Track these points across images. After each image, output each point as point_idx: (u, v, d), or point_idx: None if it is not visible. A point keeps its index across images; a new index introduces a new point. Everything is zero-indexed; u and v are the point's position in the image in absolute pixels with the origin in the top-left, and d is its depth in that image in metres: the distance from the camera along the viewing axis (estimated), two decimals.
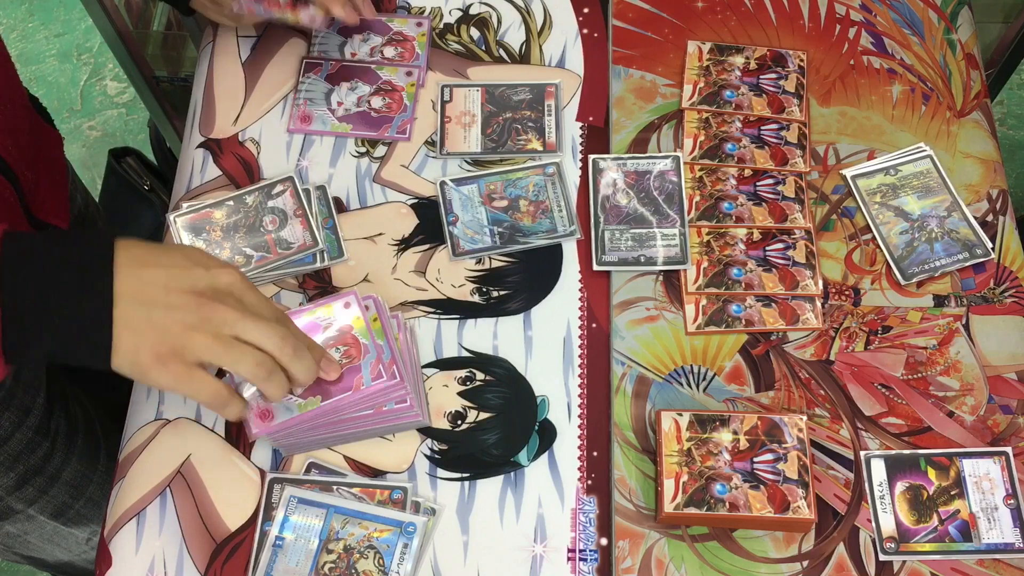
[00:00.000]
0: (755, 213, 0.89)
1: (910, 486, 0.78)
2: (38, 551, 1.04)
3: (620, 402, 0.82)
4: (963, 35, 1.00)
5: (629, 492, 0.78)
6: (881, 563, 0.75)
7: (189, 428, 0.81)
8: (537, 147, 0.93)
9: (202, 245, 0.86)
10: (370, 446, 0.80)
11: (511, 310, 0.86)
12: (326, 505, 0.76)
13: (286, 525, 0.75)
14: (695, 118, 0.94)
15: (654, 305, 0.86)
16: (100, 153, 2.02)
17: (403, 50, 0.99)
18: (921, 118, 0.95)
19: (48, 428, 0.91)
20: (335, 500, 0.76)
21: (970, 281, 0.87)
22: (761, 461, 0.76)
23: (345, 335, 0.75)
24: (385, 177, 0.93)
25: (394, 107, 0.95)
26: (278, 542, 0.75)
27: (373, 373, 0.74)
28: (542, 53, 0.99)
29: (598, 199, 0.90)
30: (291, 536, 0.75)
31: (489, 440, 0.80)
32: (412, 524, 0.75)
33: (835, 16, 1.01)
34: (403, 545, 0.74)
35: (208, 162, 0.93)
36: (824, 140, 0.94)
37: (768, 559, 0.76)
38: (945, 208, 0.90)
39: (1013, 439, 0.80)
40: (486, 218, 0.89)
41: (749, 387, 0.82)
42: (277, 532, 0.75)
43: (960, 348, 0.84)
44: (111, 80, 2.12)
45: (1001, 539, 0.76)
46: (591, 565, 0.76)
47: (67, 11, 2.19)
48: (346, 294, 0.77)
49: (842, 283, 0.87)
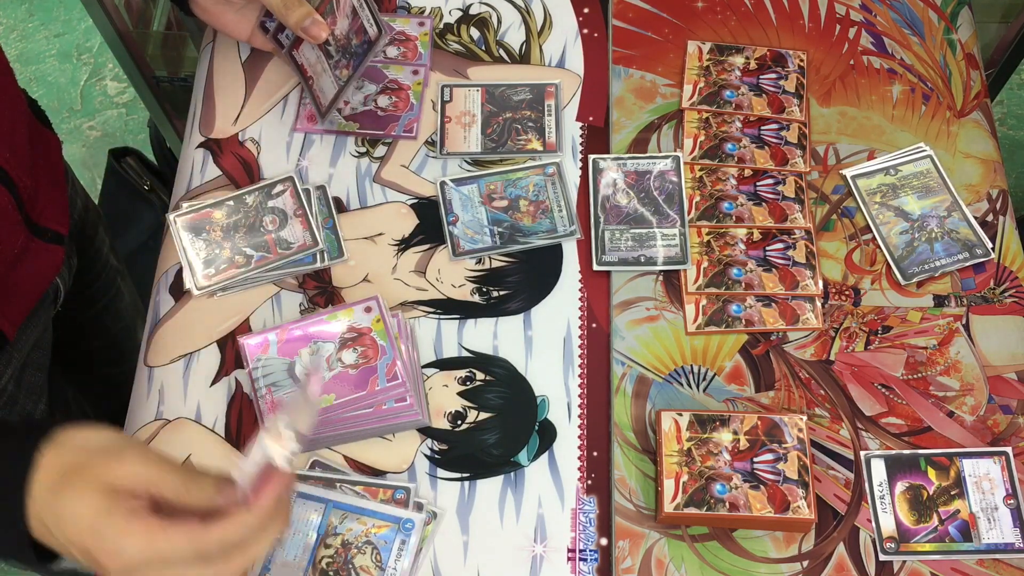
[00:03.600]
0: (755, 213, 0.89)
1: (910, 486, 0.78)
2: None
3: (620, 402, 0.82)
4: (963, 35, 1.00)
5: (629, 492, 0.78)
6: (881, 563, 0.75)
7: (189, 428, 0.81)
8: (537, 147, 0.93)
9: (202, 245, 0.86)
10: (370, 446, 0.80)
11: (511, 310, 0.86)
12: (325, 500, 0.76)
13: None
14: (695, 118, 0.94)
15: (654, 305, 0.86)
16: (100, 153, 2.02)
17: (406, 50, 0.99)
18: (921, 118, 0.95)
19: None
20: (334, 495, 0.76)
21: (970, 281, 0.87)
22: (761, 461, 0.76)
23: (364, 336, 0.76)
24: (385, 177, 0.93)
25: (400, 106, 0.95)
26: None
27: (389, 375, 0.75)
28: (542, 53, 0.99)
29: (598, 199, 0.90)
30: (289, 530, 0.75)
31: (489, 440, 0.80)
32: (410, 521, 0.75)
33: (835, 16, 1.01)
34: (400, 541, 0.74)
35: (208, 162, 0.93)
36: (824, 140, 0.94)
37: (768, 559, 0.76)
38: (945, 208, 0.90)
39: (1013, 439, 0.80)
40: (486, 218, 0.89)
41: (749, 387, 0.82)
42: None
43: (960, 348, 0.84)
44: (111, 80, 2.12)
45: (1001, 539, 0.76)
46: (591, 565, 0.76)
47: (67, 11, 2.19)
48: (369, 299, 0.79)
49: (842, 283, 0.87)
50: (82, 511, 0.56)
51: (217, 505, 0.57)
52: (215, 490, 0.58)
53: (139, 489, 0.56)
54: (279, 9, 0.83)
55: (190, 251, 0.86)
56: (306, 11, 0.83)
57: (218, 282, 0.85)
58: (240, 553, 0.57)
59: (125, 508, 0.56)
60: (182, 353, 0.84)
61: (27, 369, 0.87)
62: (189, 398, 0.82)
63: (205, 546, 0.56)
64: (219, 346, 0.84)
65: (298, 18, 0.83)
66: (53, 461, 0.58)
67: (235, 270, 0.85)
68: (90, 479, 0.56)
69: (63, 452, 0.58)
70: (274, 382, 0.76)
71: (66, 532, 0.57)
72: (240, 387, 0.83)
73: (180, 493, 0.57)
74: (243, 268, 0.85)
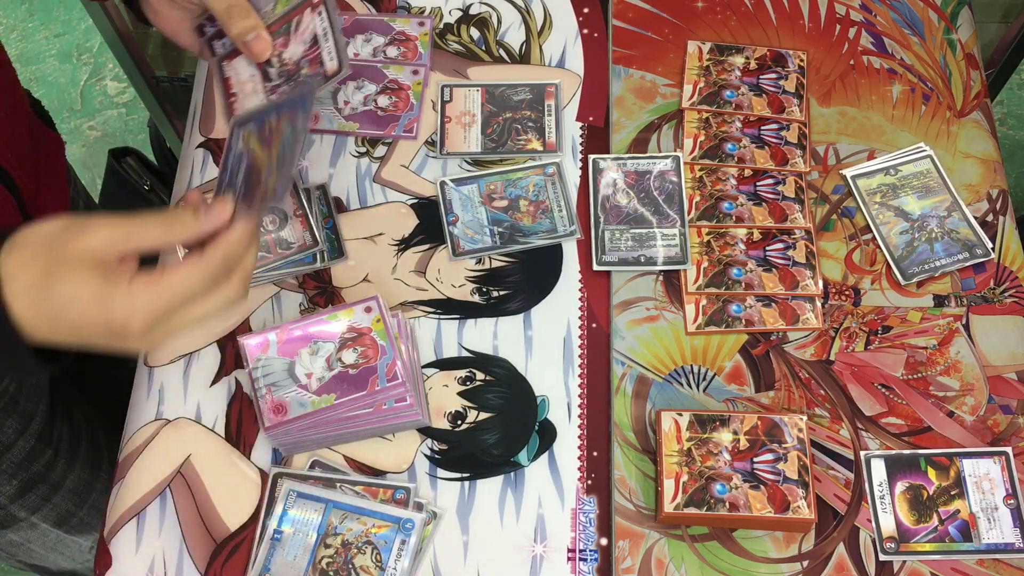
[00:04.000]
0: (755, 213, 0.89)
1: (910, 486, 0.78)
2: (41, 559, 1.03)
3: (620, 402, 0.82)
4: (963, 35, 1.00)
5: (629, 492, 0.78)
6: (881, 563, 0.75)
7: (189, 428, 0.81)
8: (537, 147, 0.93)
9: None
10: (370, 446, 0.80)
11: (511, 310, 0.86)
12: (324, 500, 0.76)
13: (284, 519, 0.75)
14: (695, 118, 0.94)
15: (654, 305, 0.86)
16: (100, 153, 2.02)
17: (406, 50, 0.99)
18: (921, 118, 0.95)
19: (51, 436, 0.91)
20: (334, 495, 0.76)
21: (970, 281, 0.87)
22: (761, 461, 0.76)
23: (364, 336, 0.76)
24: (385, 177, 0.93)
25: (400, 106, 0.95)
26: (276, 536, 0.75)
27: (389, 375, 0.75)
28: (542, 53, 0.99)
29: (598, 199, 0.90)
30: (289, 530, 0.75)
31: (489, 440, 0.80)
32: (410, 521, 0.75)
33: (835, 16, 1.01)
34: (400, 541, 0.74)
35: (208, 162, 0.93)
36: (824, 140, 0.94)
37: (768, 559, 0.76)
38: (945, 208, 0.90)
39: (1013, 439, 0.80)
40: (486, 218, 0.89)
41: (749, 387, 0.82)
42: (276, 526, 0.75)
43: (960, 348, 0.84)
44: (111, 80, 2.12)
45: (1001, 539, 0.76)
46: (591, 565, 0.76)
47: (67, 11, 2.19)
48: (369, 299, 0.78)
49: (842, 283, 0.87)
50: (80, 292, 0.55)
51: (205, 231, 0.58)
52: (195, 218, 0.59)
53: (123, 251, 0.57)
54: (222, 15, 0.74)
55: None
56: (251, 24, 0.74)
57: None
58: (239, 268, 0.59)
59: (120, 273, 0.56)
60: (182, 353, 0.84)
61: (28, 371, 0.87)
62: (189, 398, 0.82)
63: (211, 270, 0.58)
64: (219, 346, 0.85)
65: (241, 30, 0.74)
66: (21, 262, 0.56)
67: None
68: (73, 261, 0.56)
69: (26, 251, 0.57)
70: (274, 382, 0.76)
71: (72, 319, 0.56)
72: (240, 387, 0.83)
73: (164, 235, 0.58)
74: None
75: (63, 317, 0.56)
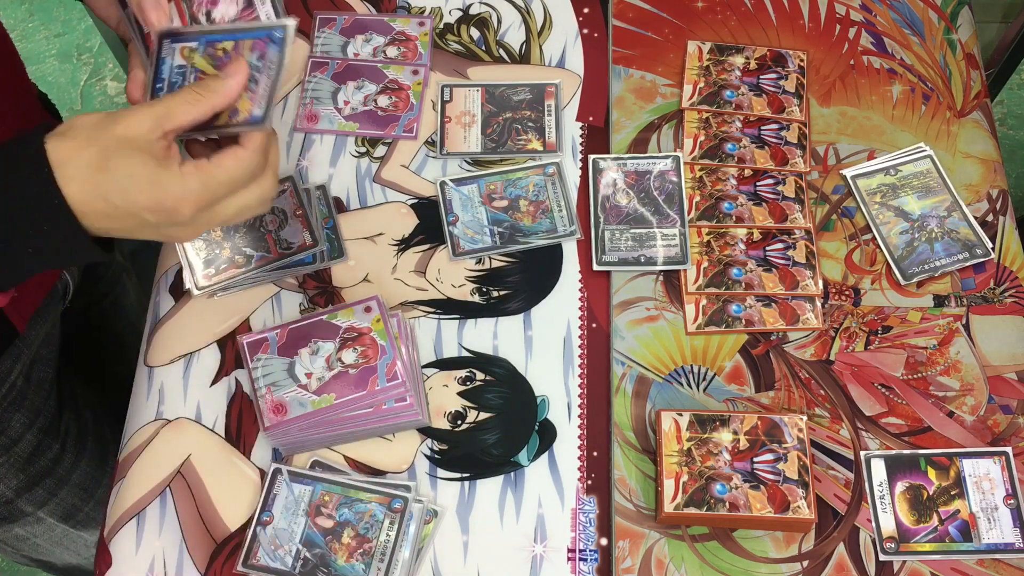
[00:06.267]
0: (755, 213, 0.89)
1: (910, 486, 0.78)
2: (46, 554, 1.03)
3: (620, 402, 0.82)
4: (963, 35, 1.00)
5: (629, 492, 0.78)
6: (881, 563, 0.75)
7: (189, 428, 0.81)
8: (537, 147, 0.93)
9: (202, 245, 0.86)
10: (370, 446, 0.80)
11: (511, 310, 0.86)
12: (313, 481, 0.76)
13: (275, 501, 0.76)
14: (695, 118, 0.94)
15: (654, 305, 0.86)
16: None
17: (406, 50, 0.99)
18: (921, 118, 0.95)
19: (58, 430, 0.91)
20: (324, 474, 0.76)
21: (970, 281, 0.87)
22: (761, 461, 0.76)
23: (364, 336, 0.76)
24: (385, 177, 0.93)
25: (400, 106, 0.95)
26: (265, 516, 0.75)
27: (389, 375, 0.75)
28: (542, 53, 0.99)
29: (598, 199, 0.90)
30: (279, 511, 0.75)
31: (489, 440, 0.80)
32: (398, 500, 0.75)
33: (835, 16, 1.01)
34: (388, 523, 0.74)
35: None
36: (824, 140, 0.94)
37: (768, 559, 0.76)
38: (945, 208, 0.90)
39: (1013, 439, 0.80)
40: (486, 218, 0.89)
41: (749, 387, 0.82)
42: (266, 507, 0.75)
43: (960, 348, 0.84)
44: (111, 80, 2.12)
45: (1001, 539, 0.76)
46: (591, 565, 0.76)
47: (67, 11, 2.19)
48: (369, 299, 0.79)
49: (842, 283, 0.87)
50: (138, 171, 0.58)
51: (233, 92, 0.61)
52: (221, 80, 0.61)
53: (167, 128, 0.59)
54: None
55: (190, 251, 0.86)
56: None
57: (218, 282, 0.85)
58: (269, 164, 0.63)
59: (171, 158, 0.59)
60: (182, 353, 0.84)
61: (36, 364, 0.87)
62: (189, 398, 0.82)
63: (252, 160, 0.61)
64: (219, 346, 0.85)
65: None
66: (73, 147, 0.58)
67: (235, 270, 0.85)
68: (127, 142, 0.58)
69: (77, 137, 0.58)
70: (274, 382, 0.77)
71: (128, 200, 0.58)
72: (240, 387, 0.83)
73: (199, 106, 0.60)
74: (243, 268, 0.85)
75: (120, 197, 0.58)
